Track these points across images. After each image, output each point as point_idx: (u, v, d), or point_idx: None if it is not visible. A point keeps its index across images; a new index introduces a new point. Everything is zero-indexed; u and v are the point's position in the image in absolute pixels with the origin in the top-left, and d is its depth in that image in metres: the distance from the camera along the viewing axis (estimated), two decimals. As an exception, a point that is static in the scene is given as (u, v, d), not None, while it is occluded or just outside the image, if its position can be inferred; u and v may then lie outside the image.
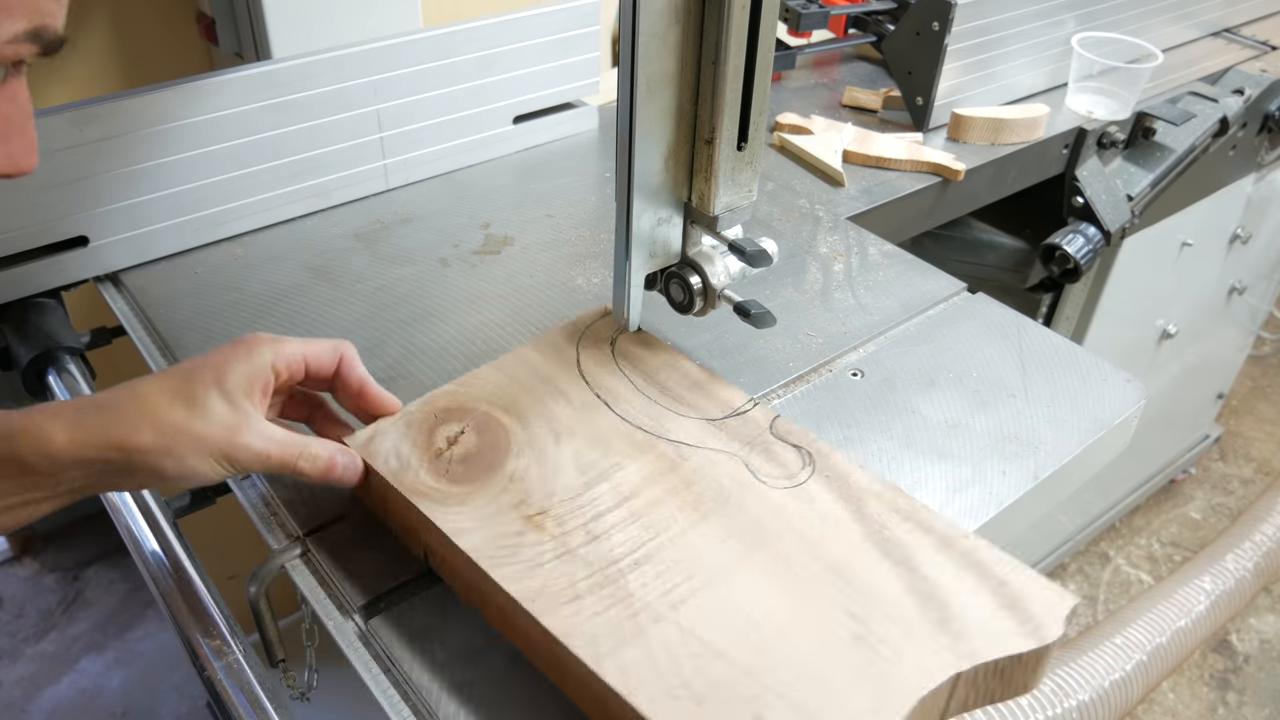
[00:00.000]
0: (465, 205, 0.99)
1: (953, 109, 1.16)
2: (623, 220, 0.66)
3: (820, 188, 1.06)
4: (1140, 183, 1.26)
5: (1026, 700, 1.22)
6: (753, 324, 0.68)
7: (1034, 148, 1.17)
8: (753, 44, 0.60)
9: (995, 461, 0.69)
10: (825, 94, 1.28)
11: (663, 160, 0.64)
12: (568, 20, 1.04)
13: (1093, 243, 1.22)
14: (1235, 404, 2.46)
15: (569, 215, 0.98)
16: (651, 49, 0.59)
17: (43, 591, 1.86)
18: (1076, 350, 0.80)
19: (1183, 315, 1.66)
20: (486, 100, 1.03)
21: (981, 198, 1.15)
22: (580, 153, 1.10)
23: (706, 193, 0.65)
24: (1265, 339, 2.14)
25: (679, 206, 0.67)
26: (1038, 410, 0.74)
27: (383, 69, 0.93)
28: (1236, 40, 1.52)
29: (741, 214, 0.67)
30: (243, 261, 0.90)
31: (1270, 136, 1.46)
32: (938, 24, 1.10)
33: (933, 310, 0.86)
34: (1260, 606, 1.99)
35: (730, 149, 0.64)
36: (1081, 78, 1.22)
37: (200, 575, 0.66)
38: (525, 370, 0.68)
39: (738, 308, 0.68)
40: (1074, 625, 2.00)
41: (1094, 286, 1.41)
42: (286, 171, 0.92)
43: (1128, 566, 2.07)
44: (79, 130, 0.79)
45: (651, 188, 0.65)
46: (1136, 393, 0.76)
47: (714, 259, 0.70)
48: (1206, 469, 2.30)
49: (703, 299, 0.70)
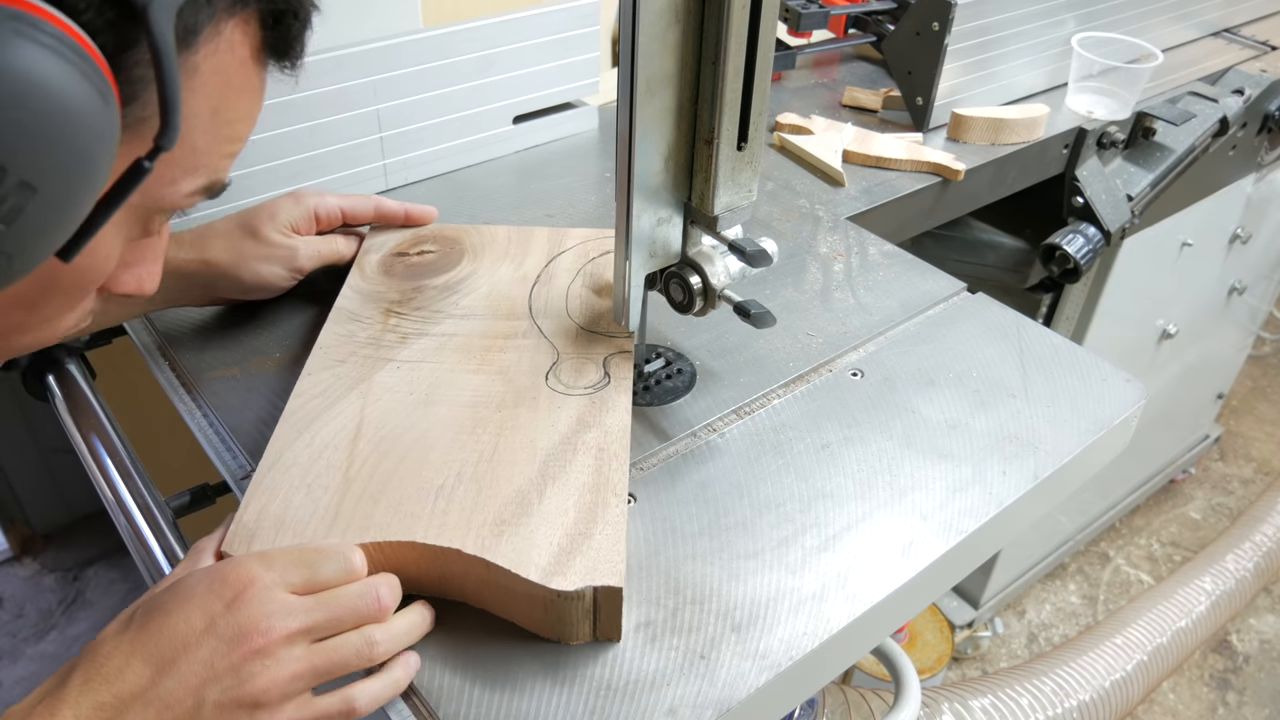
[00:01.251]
0: (465, 205, 0.99)
1: (953, 109, 1.16)
2: (623, 220, 0.66)
3: (820, 188, 1.06)
4: (1140, 183, 1.26)
5: (1027, 700, 1.22)
6: (753, 324, 0.68)
7: (1034, 148, 1.17)
8: (753, 44, 0.60)
9: (995, 461, 0.69)
10: (825, 94, 1.28)
11: (663, 160, 0.64)
12: (568, 20, 1.04)
13: (1093, 243, 1.22)
14: (1235, 404, 2.46)
15: (569, 215, 0.98)
16: (651, 49, 0.59)
17: (43, 591, 1.86)
18: (1076, 350, 0.80)
19: (1183, 315, 1.66)
20: (486, 100, 1.03)
21: (981, 198, 1.15)
22: (580, 153, 1.10)
23: (706, 193, 0.65)
24: (1265, 339, 2.15)
25: (679, 206, 0.67)
26: (1038, 410, 0.74)
27: (383, 69, 0.93)
28: (1236, 40, 1.52)
29: (741, 214, 0.67)
30: (243, 261, 0.90)
31: (1270, 136, 1.46)
32: (938, 24, 1.10)
33: (933, 310, 0.86)
34: (1260, 607, 1.99)
35: (730, 149, 0.64)
36: (1081, 78, 1.22)
37: (200, 575, 0.66)
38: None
39: (738, 308, 0.68)
40: (1074, 625, 2.00)
41: (1094, 286, 1.41)
42: (286, 171, 0.92)
43: (1128, 566, 2.07)
44: (79, 130, 0.80)
45: (651, 188, 0.65)
46: (1136, 393, 0.76)
47: (714, 259, 0.70)
48: (1206, 469, 2.30)
49: (703, 299, 0.70)
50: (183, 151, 0.46)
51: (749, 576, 0.61)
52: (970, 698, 1.19)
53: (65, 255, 0.41)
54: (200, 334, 0.81)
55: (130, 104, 0.42)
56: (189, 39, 0.43)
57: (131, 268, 0.52)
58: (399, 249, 0.82)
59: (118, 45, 0.40)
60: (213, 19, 0.44)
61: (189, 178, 0.48)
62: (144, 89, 0.42)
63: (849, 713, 1.02)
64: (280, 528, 0.57)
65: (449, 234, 0.85)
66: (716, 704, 0.54)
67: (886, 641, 0.89)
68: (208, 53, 0.45)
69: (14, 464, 1.84)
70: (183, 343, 0.80)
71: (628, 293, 0.69)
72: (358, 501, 0.58)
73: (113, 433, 0.77)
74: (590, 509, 0.58)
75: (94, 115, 0.38)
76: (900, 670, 0.89)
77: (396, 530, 0.56)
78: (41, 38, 0.35)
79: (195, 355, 0.79)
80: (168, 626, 0.49)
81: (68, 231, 0.41)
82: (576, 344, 0.73)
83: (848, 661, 0.63)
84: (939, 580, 0.65)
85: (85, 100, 0.37)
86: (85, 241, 0.42)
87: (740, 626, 0.58)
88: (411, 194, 1.00)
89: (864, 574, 0.61)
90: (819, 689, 0.82)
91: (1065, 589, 2.01)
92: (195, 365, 0.78)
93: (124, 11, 0.38)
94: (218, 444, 0.71)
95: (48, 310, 0.49)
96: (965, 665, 1.88)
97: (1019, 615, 1.96)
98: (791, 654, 0.56)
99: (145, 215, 0.49)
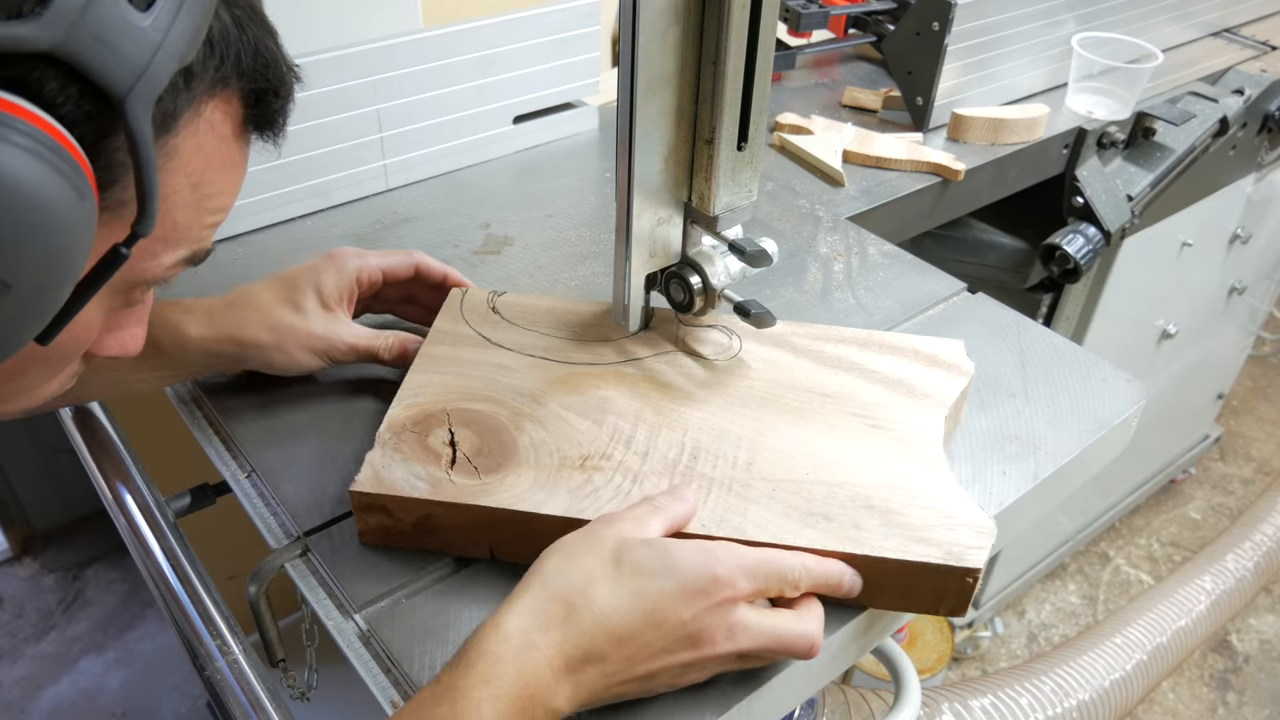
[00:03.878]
0: (465, 205, 0.99)
1: (953, 109, 1.16)
2: (623, 220, 0.66)
3: (820, 188, 1.06)
4: (1140, 183, 1.26)
5: (1026, 700, 1.22)
6: (753, 324, 0.68)
7: (1034, 148, 1.17)
8: (753, 44, 0.60)
9: (995, 461, 0.69)
10: (825, 94, 1.28)
11: (663, 160, 0.64)
12: (568, 20, 1.04)
13: (1093, 243, 1.22)
14: (1235, 404, 2.46)
15: (569, 215, 0.98)
16: (651, 49, 0.59)
17: (43, 591, 1.86)
18: (1076, 350, 0.80)
19: (1183, 315, 1.66)
20: (486, 100, 1.03)
21: (981, 198, 1.15)
22: (580, 153, 1.10)
23: (706, 193, 0.65)
24: (1265, 339, 2.14)
25: (679, 206, 0.67)
26: (1038, 410, 0.74)
27: (383, 69, 0.93)
28: (1236, 40, 1.52)
29: (741, 214, 0.67)
30: (243, 261, 0.90)
31: (1270, 136, 1.46)
32: (938, 24, 1.10)
33: (933, 310, 0.86)
34: (1260, 606, 1.99)
35: (730, 149, 0.64)
36: (1081, 78, 1.22)
37: (200, 575, 0.66)
38: (446, 364, 0.69)
39: (738, 307, 0.68)
40: (1074, 625, 2.00)
41: (1094, 286, 1.41)
42: (286, 171, 0.92)
43: (1128, 566, 2.07)
44: (79, 130, 0.79)
45: (651, 187, 0.65)
46: (1136, 393, 0.76)
47: (714, 259, 0.70)
48: (1206, 469, 2.30)
49: (703, 299, 0.70)
50: (163, 228, 0.45)
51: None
52: (970, 698, 1.19)
53: (44, 340, 0.41)
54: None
55: (109, 188, 0.41)
56: (168, 124, 0.43)
57: (115, 332, 0.51)
58: (439, 462, 0.61)
59: (96, 134, 0.39)
60: (192, 102, 0.43)
61: (170, 251, 0.47)
62: (123, 173, 0.41)
63: (849, 713, 1.02)
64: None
65: (414, 416, 0.64)
66: (716, 704, 0.54)
67: (886, 641, 0.89)
68: (188, 134, 0.44)
69: (14, 464, 1.84)
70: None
71: (628, 293, 0.69)
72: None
73: (113, 433, 0.77)
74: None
75: (70, 211, 0.37)
76: (900, 670, 0.89)
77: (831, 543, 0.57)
78: (17, 138, 0.35)
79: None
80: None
81: (45, 320, 0.40)
82: (642, 344, 0.72)
83: (848, 662, 0.63)
84: (939, 580, 0.65)
85: (62, 198, 0.36)
86: (64, 325, 0.41)
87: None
88: (411, 194, 1.00)
89: (864, 574, 0.61)
90: (819, 689, 0.82)
91: (1065, 589, 2.01)
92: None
93: (102, 104, 0.38)
94: (217, 444, 0.71)
95: (29, 380, 0.49)
96: (965, 665, 1.88)
97: (1019, 615, 1.96)
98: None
99: (126, 288, 0.48)
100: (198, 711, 1.66)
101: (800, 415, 0.66)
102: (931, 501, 0.59)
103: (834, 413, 0.66)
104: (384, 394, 0.72)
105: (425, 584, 0.60)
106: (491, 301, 0.75)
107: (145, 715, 1.67)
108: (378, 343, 0.71)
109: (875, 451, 0.63)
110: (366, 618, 0.58)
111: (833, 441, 0.63)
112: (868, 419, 0.65)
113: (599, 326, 0.73)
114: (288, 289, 0.70)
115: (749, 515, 0.58)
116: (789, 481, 0.60)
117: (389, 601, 0.59)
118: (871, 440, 0.64)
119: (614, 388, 0.68)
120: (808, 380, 0.68)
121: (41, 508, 1.92)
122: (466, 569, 0.61)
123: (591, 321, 0.74)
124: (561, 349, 0.71)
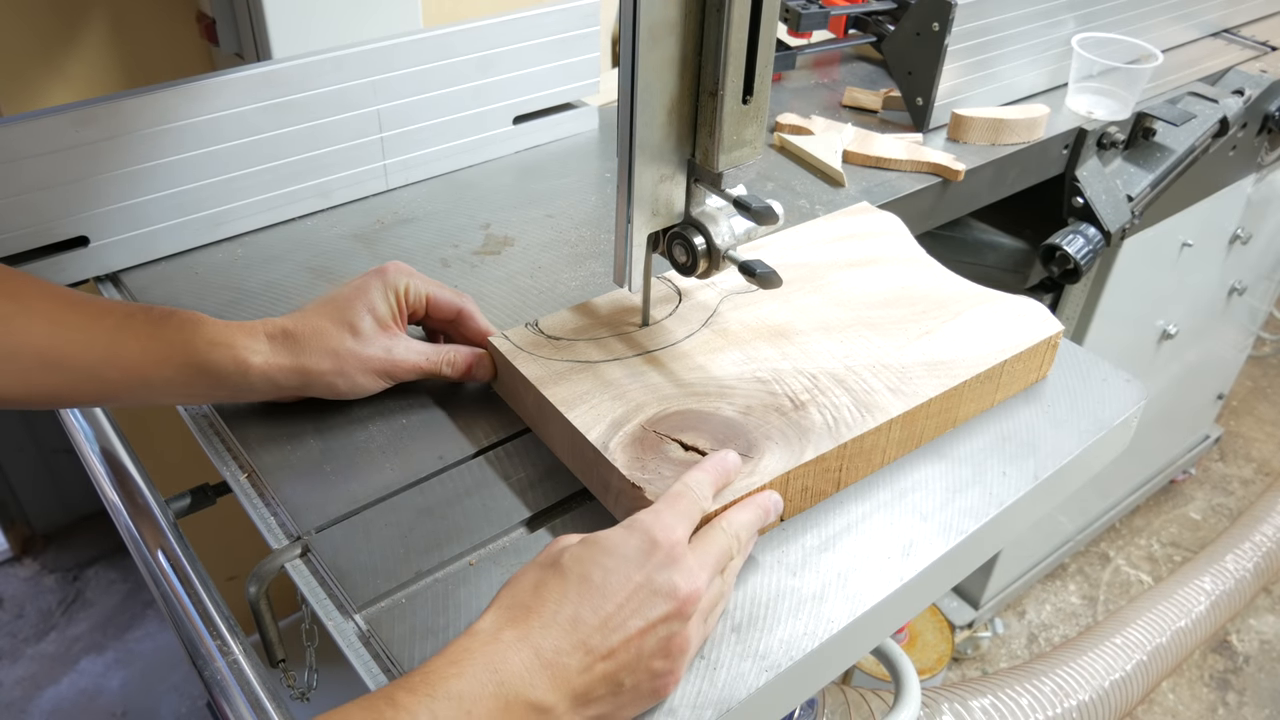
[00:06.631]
0: (465, 205, 0.99)
1: (953, 109, 1.16)
2: (624, 177, 0.63)
3: (820, 188, 1.06)
4: (1140, 183, 1.26)
5: (1027, 701, 1.22)
6: (759, 284, 0.65)
7: (1034, 148, 1.17)
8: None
9: (995, 461, 0.69)
10: (825, 94, 1.28)
11: (665, 113, 0.62)
12: (568, 20, 1.04)
13: (1093, 243, 1.22)
14: (1235, 404, 2.46)
15: (569, 215, 0.98)
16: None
17: (43, 591, 1.86)
18: (1077, 350, 0.80)
19: (1183, 315, 1.66)
20: (486, 100, 1.03)
21: (981, 198, 1.15)
22: (580, 153, 1.10)
23: (710, 147, 0.63)
24: (1265, 339, 2.15)
25: (682, 164, 0.65)
26: (1038, 410, 0.74)
27: (383, 69, 0.93)
28: (1236, 40, 1.52)
29: (747, 171, 0.65)
30: (243, 262, 0.90)
31: (1270, 137, 1.46)
32: (938, 24, 1.10)
33: (933, 310, 0.86)
34: (1260, 607, 1.99)
35: (735, 102, 0.61)
36: (1081, 78, 1.22)
37: (200, 575, 0.66)
38: (581, 398, 0.67)
39: (743, 267, 0.65)
40: (1074, 625, 2.00)
41: (1094, 287, 1.41)
42: (286, 172, 0.92)
43: (1128, 567, 2.07)
44: (79, 130, 0.80)
45: (653, 142, 0.62)
46: (1137, 393, 0.76)
47: (718, 219, 0.67)
48: (1206, 469, 2.30)
49: (706, 260, 0.67)
50: None
51: (749, 576, 0.61)
52: (970, 698, 1.19)
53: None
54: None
55: None
56: None
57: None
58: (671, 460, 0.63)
59: None
60: None
61: None
62: None
63: (849, 713, 1.02)
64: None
65: (638, 436, 0.65)
66: (716, 704, 0.54)
67: (886, 642, 0.89)
68: None
69: (14, 464, 1.84)
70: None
71: (629, 254, 0.67)
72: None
73: (112, 433, 0.77)
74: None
75: None
76: (900, 670, 0.89)
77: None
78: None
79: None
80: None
81: None
82: (695, 310, 0.76)
83: (848, 662, 0.63)
84: (939, 580, 0.65)
85: None
86: None
87: (740, 627, 0.58)
88: (412, 194, 1.00)
89: (864, 574, 0.61)
90: (819, 689, 0.82)
91: (1065, 589, 2.01)
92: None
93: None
94: (217, 444, 0.71)
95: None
96: (965, 665, 1.88)
97: (1019, 615, 1.96)
98: (791, 654, 0.56)
99: None
100: (198, 711, 1.66)
101: (844, 303, 0.76)
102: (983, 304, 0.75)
103: (868, 292, 0.77)
104: (383, 393, 0.71)
105: (425, 584, 0.60)
106: (536, 330, 0.73)
107: (145, 715, 1.67)
108: (440, 359, 0.71)
109: (922, 289, 0.78)
110: (366, 618, 0.58)
111: (886, 310, 0.75)
112: (882, 272, 0.80)
113: (627, 311, 0.76)
114: (342, 311, 0.67)
115: (911, 378, 0.68)
116: (895, 349, 0.70)
117: (389, 601, 0.59)
118: (905, 281, 0.79)
119: (719, 350, 0.71)
120: (832, 274, 0.80)
121: (41, 508, 1.92)
122: (467, 569, 0.61)
123: (625, 309, 0.76)
124: (641, 340, 0.72)
